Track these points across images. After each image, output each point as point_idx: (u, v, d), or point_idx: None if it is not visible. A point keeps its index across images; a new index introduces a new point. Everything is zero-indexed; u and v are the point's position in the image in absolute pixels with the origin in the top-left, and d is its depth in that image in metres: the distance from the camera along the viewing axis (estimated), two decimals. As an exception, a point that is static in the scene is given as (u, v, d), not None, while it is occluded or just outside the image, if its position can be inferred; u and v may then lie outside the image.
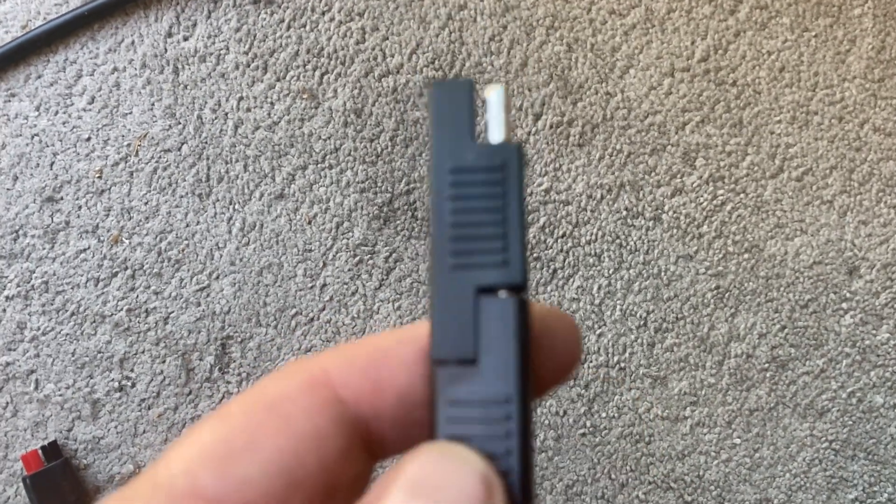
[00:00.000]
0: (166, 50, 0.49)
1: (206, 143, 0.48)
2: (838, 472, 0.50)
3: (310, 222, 0.49)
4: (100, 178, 0.48)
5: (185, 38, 0.49)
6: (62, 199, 0.48)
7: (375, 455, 0.16)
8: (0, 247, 0.47)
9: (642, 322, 0.50)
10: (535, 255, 0.50)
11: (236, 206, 0.48)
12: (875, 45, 0.52)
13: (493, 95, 0.17)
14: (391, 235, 0.49)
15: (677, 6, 0.51)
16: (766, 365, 0.50)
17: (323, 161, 0.49)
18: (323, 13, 0.50)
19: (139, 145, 0.48)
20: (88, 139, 0.48)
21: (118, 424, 0.47)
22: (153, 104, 0.48)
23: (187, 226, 0.48)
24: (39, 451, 0.45)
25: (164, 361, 0.48)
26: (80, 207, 0.48)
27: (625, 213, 0.50)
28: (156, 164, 0.48)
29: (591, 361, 0.50)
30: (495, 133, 0.17)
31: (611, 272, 0.50)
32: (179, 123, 0.48)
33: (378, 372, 0.15)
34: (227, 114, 0.49)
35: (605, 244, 0.50)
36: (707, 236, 0.50)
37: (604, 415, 0.50)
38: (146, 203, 0.48)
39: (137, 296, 0.47)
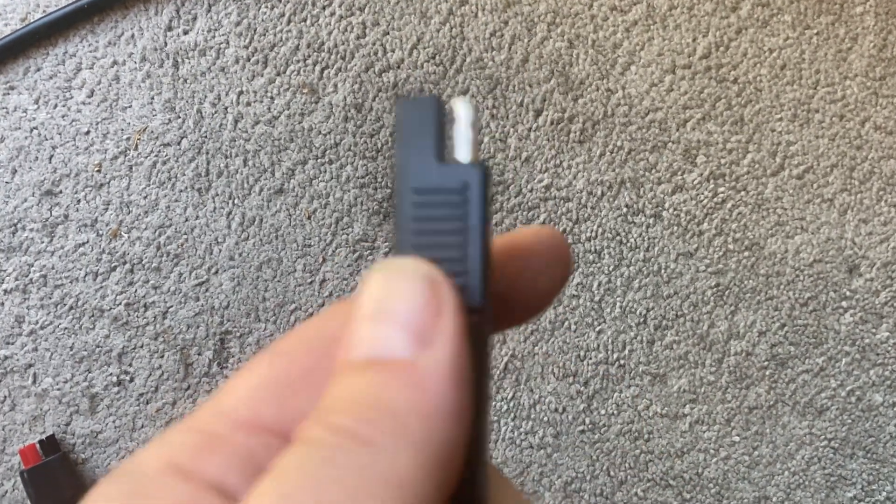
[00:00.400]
0: (166, 43, 0.48)
1: (205, 137, 0.48)
2: (837, 471, 0.50)
3: (309, 217, 0.49)
4: (99, 171, 0.48)
5: (186, 32, 0.49)
6: (61, 192, 0.47)
7: None
8: (-2, 240, 0.47)
9: (642, 319, 0.50)
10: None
11: (236, 201, 0.48)
12: (876, 44, 0.52)
13: (461, 111, 0.17)
14: (391, 231, 0.49)
15: (679, 3, 0.51)
16: (766, 363, 0.50)
17: (323, 156, 0.49)
18: (324, 7, 0.49)
19: (138, 139, 0.48)
20: (87, 133, 0.48)
21: (116, 419, 0.47)
22: (153, 98, 0.48)
23: (186, 220, 0.48)
24: (37, 446, 0.45)
25: (162, 356, 0.47)
26: (78, 201, 0.47)
27: (625, 210, 0.50)
28: (155, 158, 0.48)
29: (590, 358, 0.50)
30: (462, 151, 0.17)
31: (611, 269, 0.50)
32: (179, 117, 0.48)
33: None
34: (226, 108, 0.48)
35: (606, 241, 0.50)
36: (707, 234, 0.50)
37: (603, 412, 0.50)
38: (145, 197, 0.48)
39: (136, 290, 0.47)
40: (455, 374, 0.13)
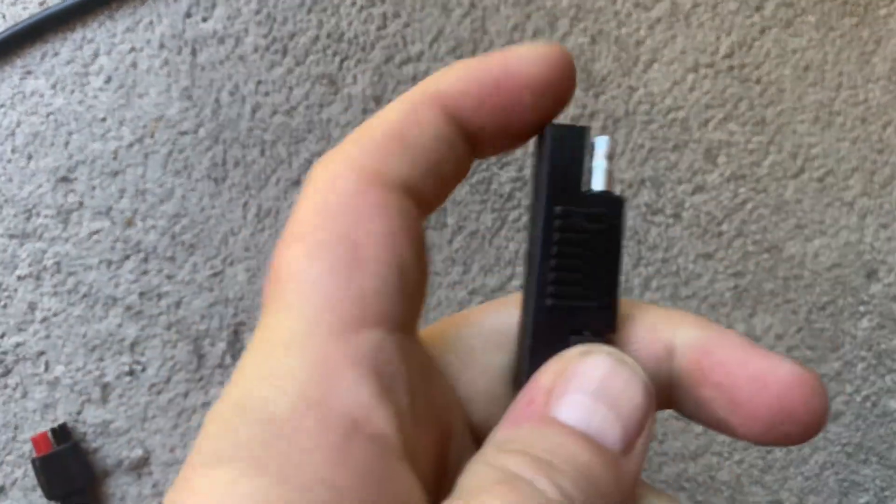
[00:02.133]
0: (185, 31, 0.48)
1: (222, 126, 0.48)
2: (850, 476, 0.50)
3: (326, 210, 0.48)
4: (115, 159, 0.47)
5: (204, 20, 0.48)
6: (76, 179, 0.47)
7: (475, 150, 0.18)
8: (13, 226, 0.47)
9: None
10: (552, 249, 0.49)
11: (252, 192, 0.48)
12: (902, 46, 0.52)
13: (601, 144, 0.18)
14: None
15: (703, 1, 0.51)
16: (782, 366, 0.50)
17: (341, 148, 0.48)
18: (344, -2, 0.49)
19: (155, 127, 0.48)
20: (104, 119, 0.47)
21: (128, 409, 0.47)
22: (170, 85, 0.48)
23: (202, 210, 0.47)
24: (49, 434, 0.44)
25: (175, 346, 0.47)
26: (94, 188, 0.47)
27: (645, 209, 0.50)
28: (171, 146, 0.48)
29: (605, 358, 0.49)
30: (598, 181, 0.18)
31: (629, 269, 0.49)
32: (196, 106, 0.48)
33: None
34: (244, 97, 0.48)
35: (624, 240, 0.49)
36: (727, 235, 0.50)
37: (617, 412, 0.49)
38: (161, 186, 0.47)
39: (150, 279, 0.47)
40: (635, 482, 0.15)
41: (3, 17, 0.47)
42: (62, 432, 0.45)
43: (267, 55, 0.48)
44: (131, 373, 0.47)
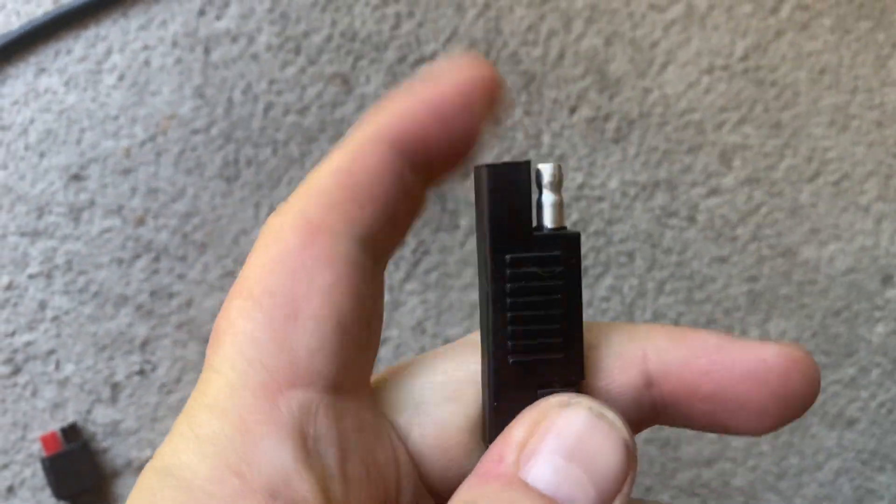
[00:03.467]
0: (198, 29, 0.48)
1: (235, 125, 0.48)
2: (865, 484, 0.50)
3: (338, 210, 0.48)
4: (127, 157, 0.47)
5: (218, 18, 0.48)
6: (88, 177, 0.47)
7: (426, 179, 0.18)
8: (24, 224, 0.46)
9: (673, 324, 0.49)
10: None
11: (264, 191, 0.47)
12: (919, 50, 0.51)
13: (546, 174, 0.16)
14: (419, 227, 0.48)
15: (718, 3, 0.50)
16: (797, 372, 0.50)
17: (353, 148, 0.48)
18: (358, -3, 0.49)
19: (167, 125, 0.47)
20: (116, 117, 0.47)
21: (138, 409, 0.46)
22: (183, 84, 0.48)
23: (213, 209, 0.47)
24: (59, 433, 0.44)
25: (185, 346, 0.47)
26: (105, 186, 0.47)
27: (659, 212, 0.49)
28: (184, 145, 0.47)
29: (618, 362, 0.49)
30: (548, 218, 0.16)
31: (643, 272, 0.49)
32: (209, 105, 0.47)
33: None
34: (257, 96, 0.48)
35: (638, 243, 0.49)
36: (741, 239, 0.50)
37: (630, 416, 0.49)
38: (173, 184, 0.47)
39: (161, 279, 0.47)
40: None
41: (18, 14, 0.47)
42: (72, 432, 0.44)
43: (280, 54, 0.48)
44: (141, 372, 0.46)
